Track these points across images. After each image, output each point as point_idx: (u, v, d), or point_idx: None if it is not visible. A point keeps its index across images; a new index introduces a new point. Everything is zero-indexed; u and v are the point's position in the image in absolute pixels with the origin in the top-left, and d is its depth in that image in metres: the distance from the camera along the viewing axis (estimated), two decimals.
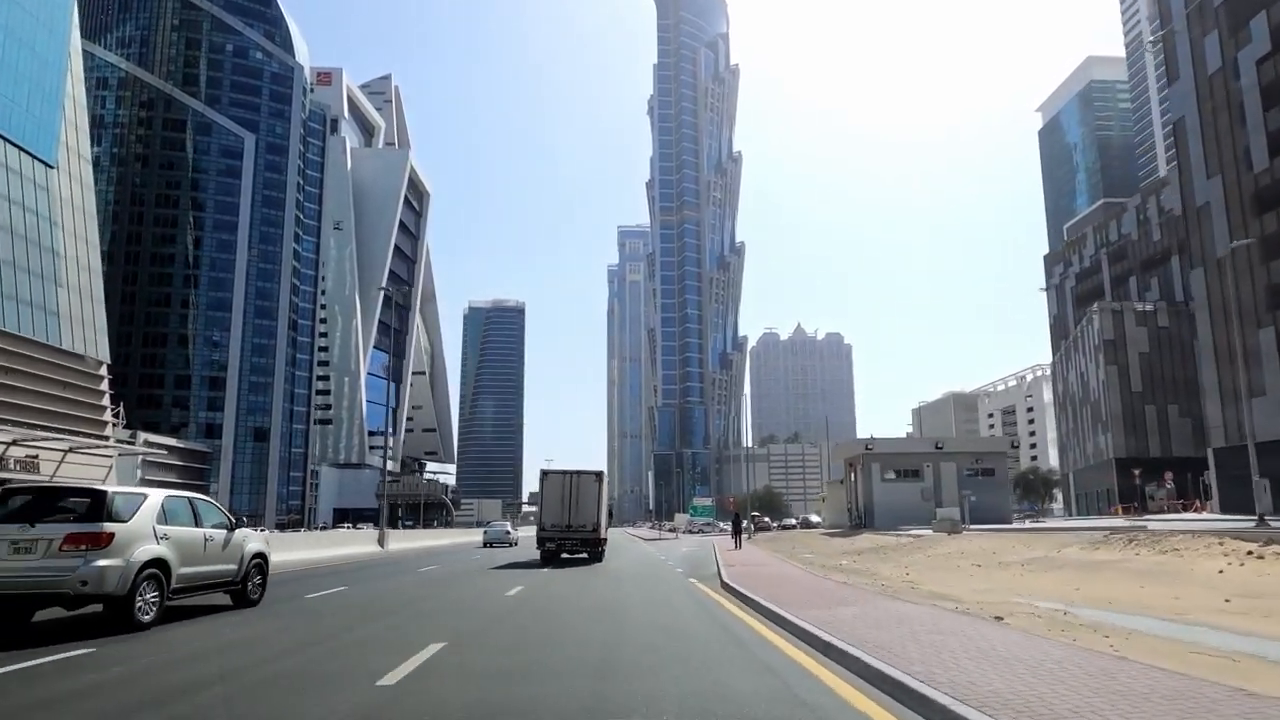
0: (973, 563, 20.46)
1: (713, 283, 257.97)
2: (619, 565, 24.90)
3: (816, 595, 13.24)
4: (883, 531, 37.01)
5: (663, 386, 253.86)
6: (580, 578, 19.79)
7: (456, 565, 26.32)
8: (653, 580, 18.76)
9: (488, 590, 16.58)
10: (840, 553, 27.38)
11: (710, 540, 57.26)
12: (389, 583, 18.87)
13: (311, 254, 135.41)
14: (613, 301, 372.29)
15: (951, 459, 42.58)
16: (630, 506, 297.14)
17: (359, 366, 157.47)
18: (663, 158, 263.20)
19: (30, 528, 9.09)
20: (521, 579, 19.00)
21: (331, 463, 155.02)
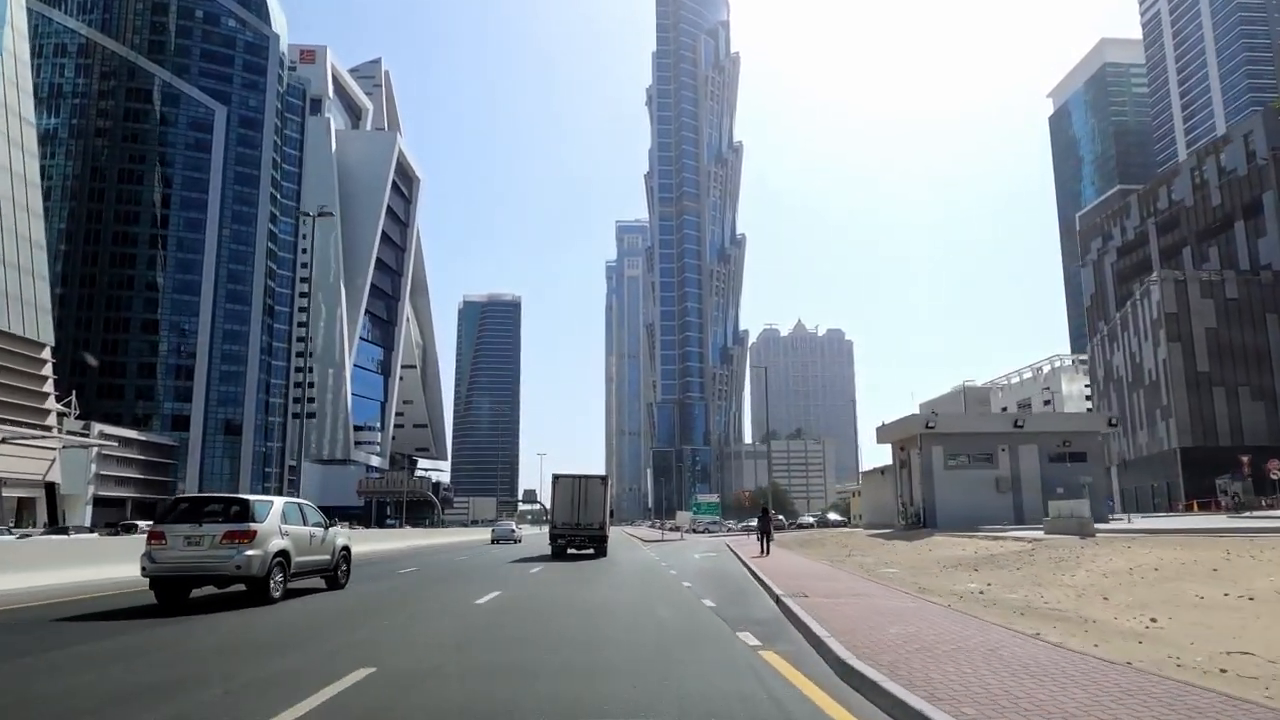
0: (1225, 590, 11.56)
1: (713, 275, 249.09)
2: (605, 595, 15.89)
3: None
4: (955, 532, 28.10)
5: (662, 382, 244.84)
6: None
7: (430, 572, 22.77)
8: (676, 645, 9.27)
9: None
10: (937, 565, 18.53)
11: (721, 542, 48.51)
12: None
13: (290, 237, 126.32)
14: (611, 298, 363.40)
15: (1033, 440, 33.42)
16: (629, 505, 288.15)
17: (344, 358, 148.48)
18: (662, 148, 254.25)
19: (199, 526, 12.18)
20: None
21: (314, 459, 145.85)
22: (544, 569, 22.68)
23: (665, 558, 30.19)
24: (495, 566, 24.47)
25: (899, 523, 38.59)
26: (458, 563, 27.38)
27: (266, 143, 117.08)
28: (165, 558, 11.89)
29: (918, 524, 34.75)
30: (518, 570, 22.59)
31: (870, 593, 13.73)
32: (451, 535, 68.05)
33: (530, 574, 21.04)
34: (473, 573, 22.13)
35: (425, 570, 23.34)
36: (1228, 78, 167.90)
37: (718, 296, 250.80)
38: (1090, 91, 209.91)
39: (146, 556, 11.96)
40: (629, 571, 23.18)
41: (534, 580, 19.20)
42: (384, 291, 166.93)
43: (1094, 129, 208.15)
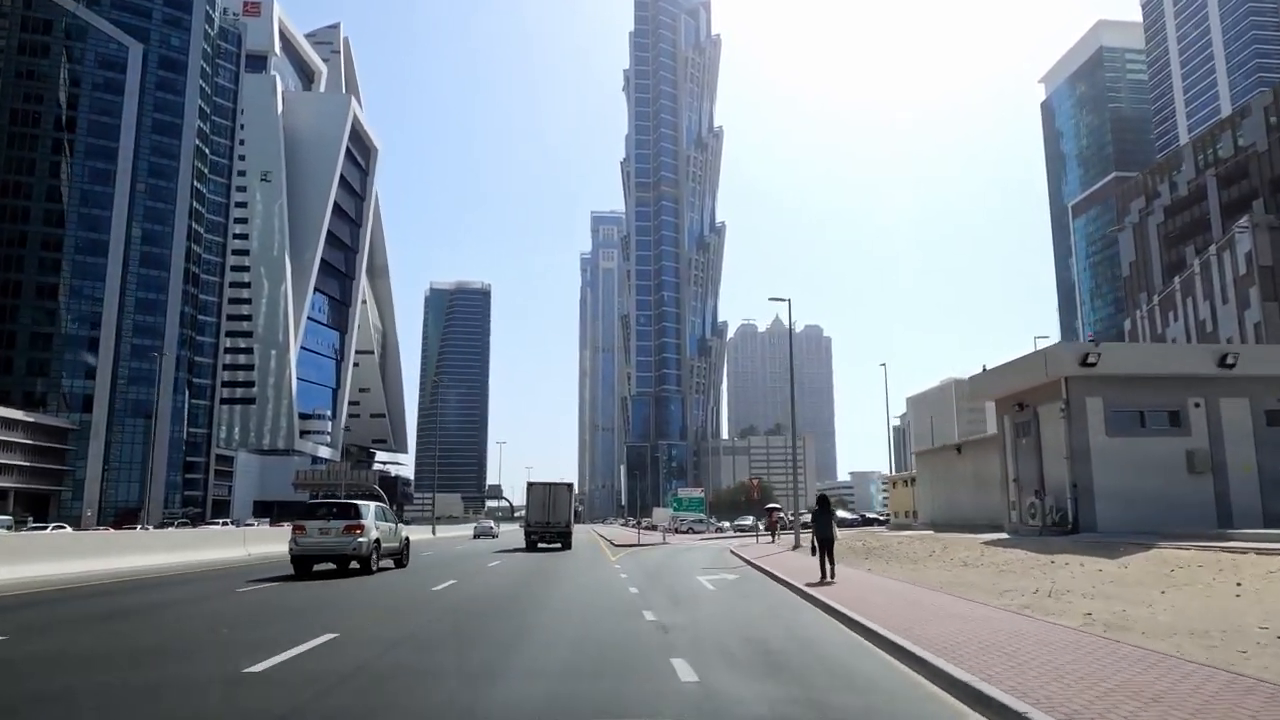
0: None
1: (691, 264, 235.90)
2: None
3: None
4: (1145, 540, 14.82)
5: (637, 374, 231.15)
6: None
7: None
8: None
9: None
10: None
11: (719, 547, 35.06)
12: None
13: (220, 198, 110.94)
14: (585, 290, 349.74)
15: (1242, 389, 20.00)
16: (602, 502, 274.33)
17: (289, 339, 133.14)
18: (639, 130, 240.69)
19: (329, 522, 18.07)
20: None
21: (253, 448, 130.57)
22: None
23: (644, 581, 16.70)
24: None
25: (1021, 523, 25.09)
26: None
27: (191, 89, 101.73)
28: (305, 542, 17.99)
29: (1063, 526, 21.21)
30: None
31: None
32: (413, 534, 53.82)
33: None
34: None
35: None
36: (1234, 57, 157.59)
37: (696, 286, 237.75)
38: (1086, 76, 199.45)
39: (293, 541, 18.14)
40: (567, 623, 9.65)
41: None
42: (337, 269, 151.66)
43: (1089, 115, 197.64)
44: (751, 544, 36.58)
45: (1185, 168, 78.95)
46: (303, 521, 18.29)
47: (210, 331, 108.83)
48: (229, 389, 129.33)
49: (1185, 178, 77.84)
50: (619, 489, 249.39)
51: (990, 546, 19.94)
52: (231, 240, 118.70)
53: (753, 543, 36.77)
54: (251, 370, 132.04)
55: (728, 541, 42.42)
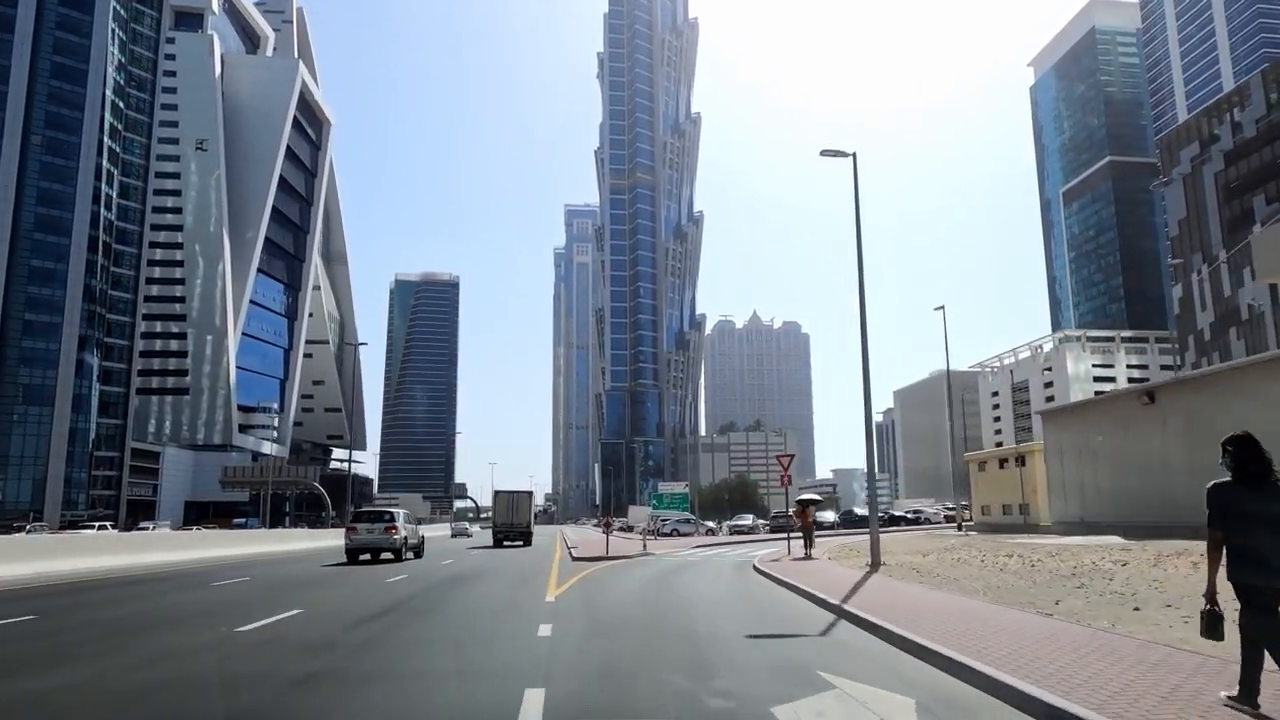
0: None
1: (668, 254, 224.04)
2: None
3: None
4: None
5: (611, 368, 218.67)
6: None
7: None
8: None
9: None
10: None
11: (736, 560, 23.00)
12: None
13: (140, 160, 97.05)
14: (559, 285, 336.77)
15: None
16: (576, 502, 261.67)
17: (227, 323, 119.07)
18: (613, 115, 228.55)
19: (373, 525, 24.97)
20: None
21: (186, 443, 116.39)
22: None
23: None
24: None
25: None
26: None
27: (100, 31, 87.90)
28: (356, 539, 24.92)
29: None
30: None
31: None
32: (335, 538, 44.40)
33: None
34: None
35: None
36: (1237, 33, 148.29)
37: (674, 277, 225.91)
38: (1078, 59, 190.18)
39: (348, 537, 25.26)
40: None
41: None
42: (285, 250, 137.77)
43: (1082, 99, 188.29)
44: (774, 552, 24.42)
45: (1252, 105, 68.31)
46: (354, 524, 25.87)
47: (126, 309, 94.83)
48: (158, 377, 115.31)
49: (1253, 115, 67.23)
50: (593, 488, 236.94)
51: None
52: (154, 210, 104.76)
53: (778, 553, 24.52)
54: (185, 357, 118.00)
55: (731, 549, 30.06)
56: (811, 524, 23.12)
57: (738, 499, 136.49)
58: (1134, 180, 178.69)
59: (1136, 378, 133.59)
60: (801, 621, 10.05)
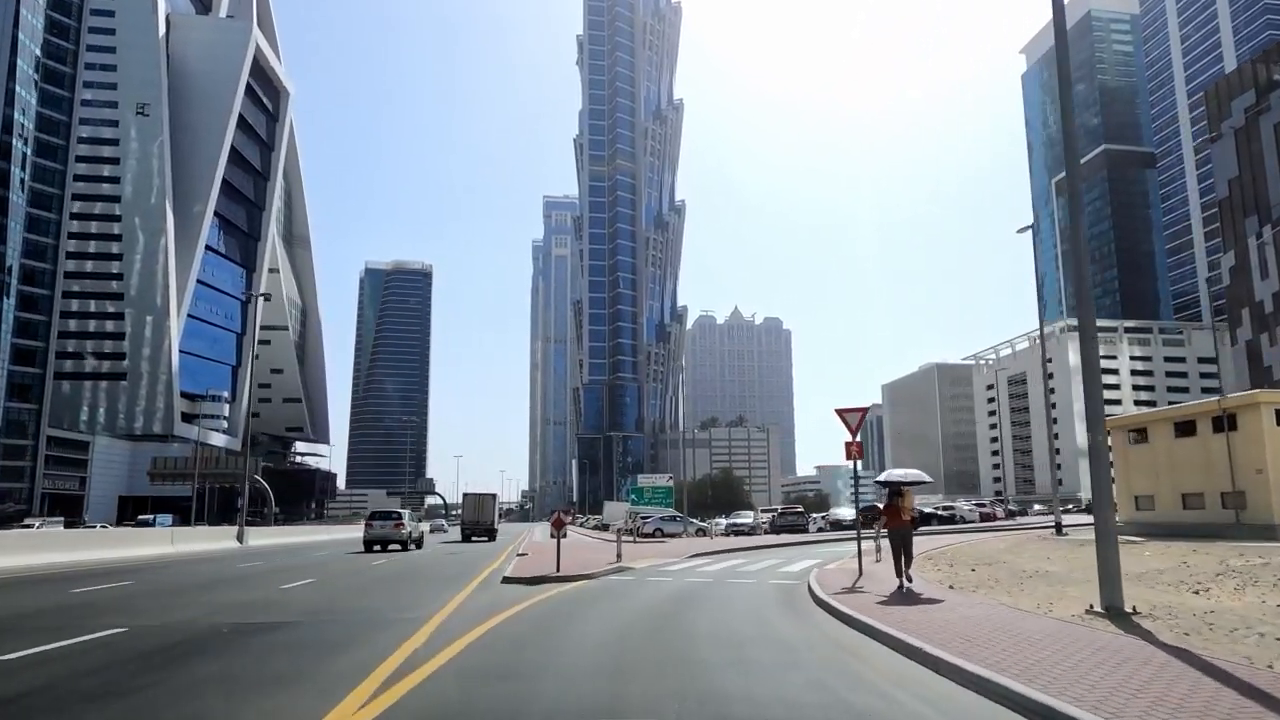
0: None
1: (649, 244, 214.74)
2: None
3: None
4: None
5: (590, 361, 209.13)
6: None
7: None
8: None
9: None
10: None
11: (766, 571, 12.84)
12: None
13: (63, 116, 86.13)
14: (537, 279, 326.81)
15: None
16: (554, 499, 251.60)
17: (169, 303, 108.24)
18: (593, 100, 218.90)
19: (385, 522, 31.38)
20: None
21: (122, 433, 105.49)
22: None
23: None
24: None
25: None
26: None
27: None
28: (372, 533, 30.30)
29: None
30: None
31: None
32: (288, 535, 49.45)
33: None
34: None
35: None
36: (1240, 15, 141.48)
37: (654, 268, 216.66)
38: (1072, 44, 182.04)
39: (366, 531, 30.95)
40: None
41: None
42: (238, 228, 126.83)
43: (1076, 86, 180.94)
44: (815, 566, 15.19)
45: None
46: (371, 522, 31.70)
47: (45, 282, 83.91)
48: (91, 360, 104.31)
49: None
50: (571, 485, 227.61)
51: None
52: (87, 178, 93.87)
53: (839, 569, 15.21)
54: (122, 339, 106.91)
55: (745, 560, 20.61)
56: (911, 525, 13.23)
57: (723, 495, 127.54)
58: (1129, 171, 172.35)
59: (1140, 369, 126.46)
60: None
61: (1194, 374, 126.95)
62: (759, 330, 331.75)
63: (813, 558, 20.94)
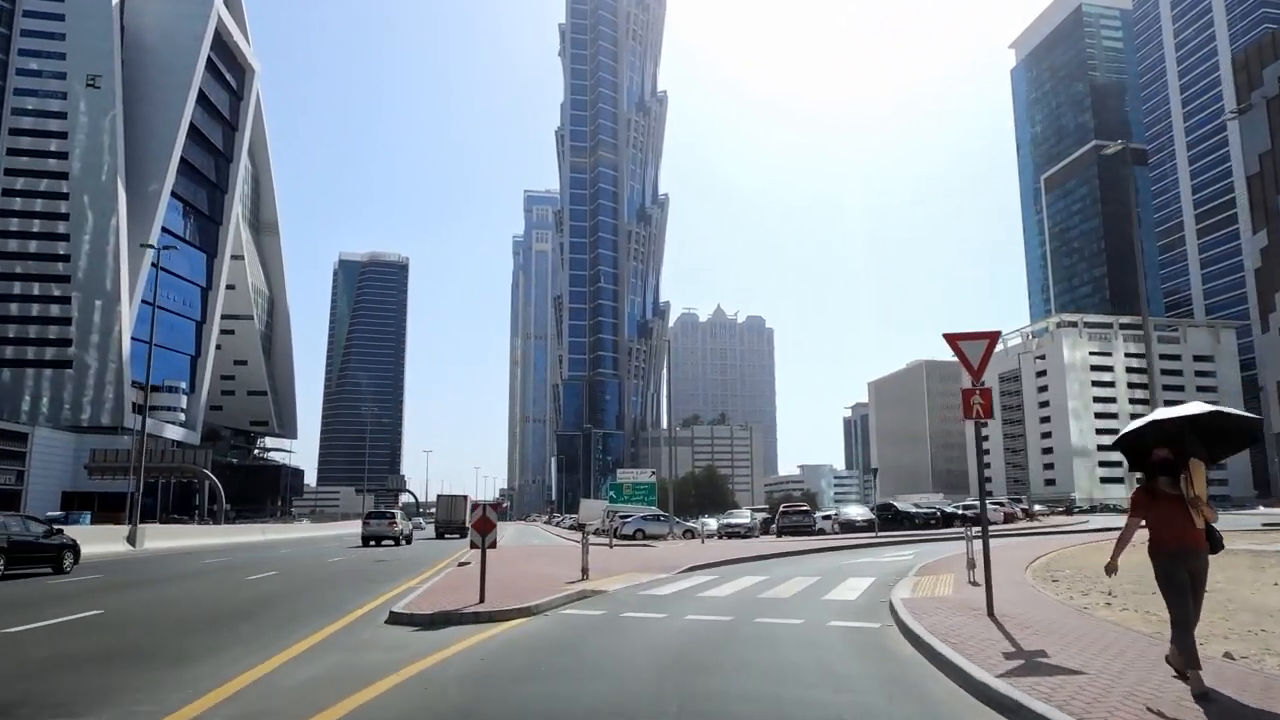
0: None
1: (631, 237, 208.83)
2: None
3: None
4: None
5: (570, 356, 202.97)
6: None
7: None
8: None
9: None
10: None
11: (843, 598, 6.49)
12: None
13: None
14: (517, 274, 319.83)
15: None
16: (532, 497, 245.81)
17: (120, 287, 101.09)
18: (575, 90, 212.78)
19: (381, 520, 35.25)
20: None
21: (67, 424, 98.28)
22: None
23: None
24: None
25: None
26: None
27: None
28: (368, 530, 33.86)
29: None
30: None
31: None
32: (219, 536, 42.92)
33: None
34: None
35: None
36: (1235, 8, 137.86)
37: (636, 262, 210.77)
38: (1063, 39, 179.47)
39: (364, 527, 34.85)
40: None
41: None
42: (199, 211, 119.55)
43: (1066, 82, 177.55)
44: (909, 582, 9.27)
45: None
46: (368, 520, 35.76)
47: None
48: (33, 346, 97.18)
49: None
50: (550, 483, 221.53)
51: None
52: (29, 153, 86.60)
53: (931, 588, 9.25)
54: (68, 324, 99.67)
55: (768, 574, 14.52)
56: (1209, 543, 6.06)
57: (707, 494, 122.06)
58: (1119, 168, 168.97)
59: (1135, 367, 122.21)
60: None
61: (1189, 371, 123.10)
62: (741, 329, 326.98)
63: (856, 574, 15.24)
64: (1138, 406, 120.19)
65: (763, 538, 35.62)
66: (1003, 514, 42.00)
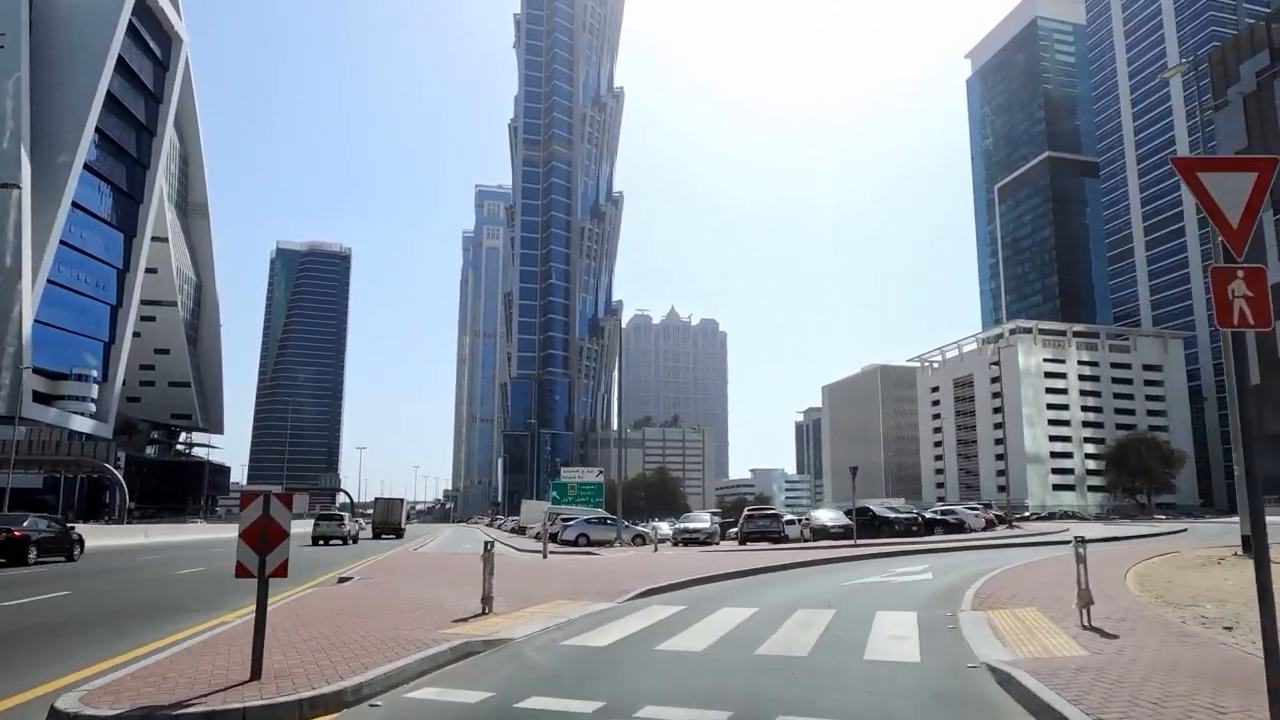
0: None
1: (584, 234, 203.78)
2: None
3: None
4: None
5: (519, 354, 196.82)
6: None
7: None
8: None
9: None
10: None
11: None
12: None
13: None
14: (467, 270, 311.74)
15: None
16: (478, 499, 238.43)
17: (22, 264, 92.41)
18: (529, 82, 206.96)
19: (331, 522, 38.46)
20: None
21: None
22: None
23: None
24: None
25: None
26: None
27: None
28: (319, 530, 36.69)
29: None
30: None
31: None
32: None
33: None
34: None
35: None
36: (1185, 26, 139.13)
37: (589, 259, 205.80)
38: (1018, 51, 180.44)
39: (314, 528, 37.19)
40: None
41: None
42: (117, 187, 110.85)
43: (1020, 93, 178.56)
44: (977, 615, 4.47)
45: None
46: (319, 521, 38.22)
47: None
48: None
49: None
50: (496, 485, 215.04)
51: None
52: None
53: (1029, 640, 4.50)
54: None
55: (757, 603, 9.64)
56: None
57: (658, 497, 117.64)
58: (1071, 179, 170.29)
59: (1087, 374, 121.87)
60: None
61: (1139, 380, 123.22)
62: (695, 331, 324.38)
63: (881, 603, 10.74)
64: (1090, 414, 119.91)
65: (722, 545, 31.22)
66: (984, 520, 38.38)
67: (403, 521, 50.07)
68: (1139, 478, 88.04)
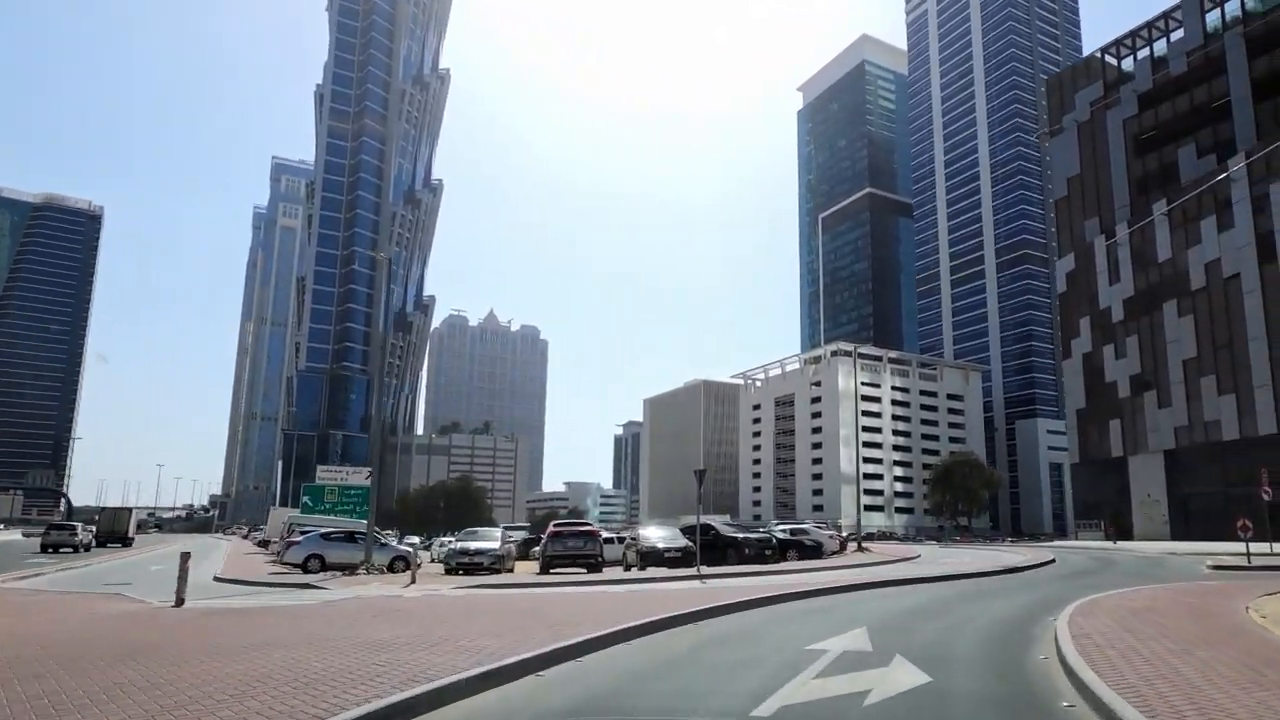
0: None
1: (396, 220, 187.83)
2: None
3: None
4: None
5: (309, 345, 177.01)
6: None
7: None
8: None
9: None
10: None
11: None
12: None
13: None
14: (256, 250, 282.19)
15: None
16: (253, 506, 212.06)
17: None
18: (341, 48, 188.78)
19: (64, 531, 39.74)
20: None
21: None
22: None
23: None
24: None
25: None
26: None
27: None
28: (48, 539, 38.28)
29: None
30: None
31: None
32: None
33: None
34: None
35: None
36: (995, 100, 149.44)
37: (399, 248, 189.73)
38: (846, 90, 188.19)
39: (44, 536, 39.29)
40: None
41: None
42: None
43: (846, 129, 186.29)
44: None
45: (1184, 32, 54.01)
46: (49, 531, 39.38)
47: None
48: None
49: (1183, 46, 53.19)
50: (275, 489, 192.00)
51: None
52: None
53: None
54: None
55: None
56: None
57: (459, 508, 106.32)
58: (889, 216, 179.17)
59: (899, 400, 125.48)
60: None
61: (943, 408, 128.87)
62: (515, 337, 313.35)
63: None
64: (899, 438, 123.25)
65: (517, 572, 22.71)
66: (838, 542, 32.72)
67: (131, 531, 50.95)
68: (961, 499, 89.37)
